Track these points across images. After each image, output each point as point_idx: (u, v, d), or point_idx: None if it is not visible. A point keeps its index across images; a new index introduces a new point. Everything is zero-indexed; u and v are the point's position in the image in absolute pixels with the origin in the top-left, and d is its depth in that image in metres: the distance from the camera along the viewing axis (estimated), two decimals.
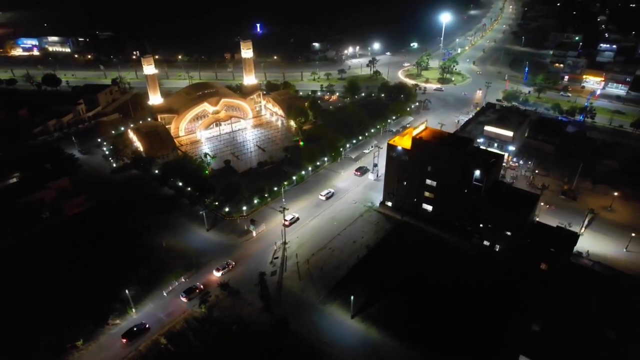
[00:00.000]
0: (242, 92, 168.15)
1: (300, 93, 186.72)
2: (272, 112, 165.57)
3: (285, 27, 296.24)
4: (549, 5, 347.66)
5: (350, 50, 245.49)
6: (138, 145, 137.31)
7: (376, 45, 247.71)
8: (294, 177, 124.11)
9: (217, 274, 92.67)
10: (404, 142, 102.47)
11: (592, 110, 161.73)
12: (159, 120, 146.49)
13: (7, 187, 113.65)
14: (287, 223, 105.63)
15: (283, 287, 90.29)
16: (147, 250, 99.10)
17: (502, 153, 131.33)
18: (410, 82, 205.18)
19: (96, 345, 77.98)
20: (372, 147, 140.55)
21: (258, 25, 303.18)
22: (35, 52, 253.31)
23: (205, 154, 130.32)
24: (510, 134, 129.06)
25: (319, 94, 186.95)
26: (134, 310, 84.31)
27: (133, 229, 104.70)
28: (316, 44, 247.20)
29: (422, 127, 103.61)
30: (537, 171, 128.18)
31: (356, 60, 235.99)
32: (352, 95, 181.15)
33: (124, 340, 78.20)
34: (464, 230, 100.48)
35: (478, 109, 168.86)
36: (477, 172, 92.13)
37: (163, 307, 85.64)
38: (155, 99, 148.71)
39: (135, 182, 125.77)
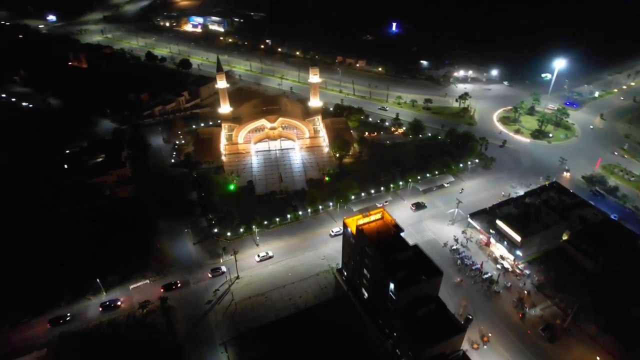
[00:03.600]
0: (308, 111, 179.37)
1: (370, 119, 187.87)
2: (324, 138, 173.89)
3: (420, 30, 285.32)
4: None
5: (461, 72, 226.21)
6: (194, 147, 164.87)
7: (494, 72, 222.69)
8: (289, 216, 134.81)
9: (256, 259, 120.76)
10: (354, 225, 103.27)
11: None
12: (223, 126, 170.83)
13: (94, 165, 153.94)
14: (210, 275, 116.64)
15: (206, 317, 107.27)
16: (146, 247, 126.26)
17: (511, 258, 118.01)
18: (501, 128, 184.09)
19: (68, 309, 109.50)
20: (385, 202, 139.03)
21: (394, 24, 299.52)
22: (198, 30, 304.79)
23: (232, 172, 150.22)
24: (518, 238, 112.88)
25: (387, 123, 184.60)
26: (104, 293, 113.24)
27: (148, 225, 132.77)
28: (424, 62, 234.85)
29: (376, 217, 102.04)
30: (534, 290, 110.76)
31: (462, 85, 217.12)
32: (415, 134, 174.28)
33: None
34: (384, 330, 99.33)
35: (547, 183, 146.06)
36: (392, 285, 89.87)
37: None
38: (224, 108, 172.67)
39: (180, 180, 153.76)
